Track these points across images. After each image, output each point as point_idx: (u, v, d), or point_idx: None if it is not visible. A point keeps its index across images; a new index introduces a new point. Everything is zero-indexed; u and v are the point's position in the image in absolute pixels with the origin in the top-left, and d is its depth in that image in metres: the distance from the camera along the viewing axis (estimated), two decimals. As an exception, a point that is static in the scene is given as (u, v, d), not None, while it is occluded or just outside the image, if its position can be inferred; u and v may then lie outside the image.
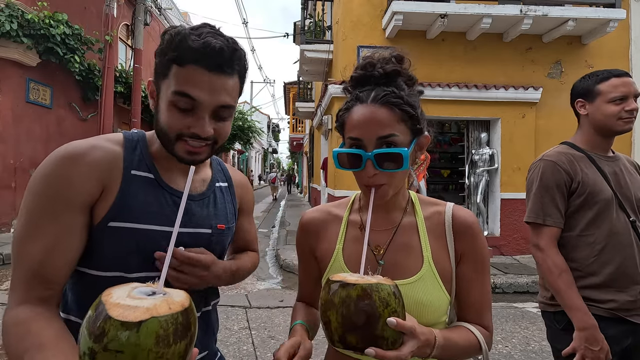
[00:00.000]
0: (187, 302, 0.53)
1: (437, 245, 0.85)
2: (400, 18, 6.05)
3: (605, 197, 1.41)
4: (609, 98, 1.45)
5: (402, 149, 0.76)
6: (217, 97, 0.77)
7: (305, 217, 0.97)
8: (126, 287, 0.54)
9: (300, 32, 8.59)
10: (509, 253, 6.48)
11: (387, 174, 0.78)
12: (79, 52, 6.89)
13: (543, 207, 1.46)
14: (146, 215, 0.79)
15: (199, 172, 0.94)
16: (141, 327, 0.46)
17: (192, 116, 0.77)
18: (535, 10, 5.95)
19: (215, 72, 0.76)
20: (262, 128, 24.00)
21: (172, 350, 0.48)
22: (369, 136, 0.77)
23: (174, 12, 13.27)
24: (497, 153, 6.51)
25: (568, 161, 1.46)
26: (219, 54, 0.75)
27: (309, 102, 13.64)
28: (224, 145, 6.83)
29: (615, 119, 1.44)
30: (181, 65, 0.75)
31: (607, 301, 1.38)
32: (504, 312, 4.25)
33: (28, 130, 6.68)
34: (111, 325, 0.46)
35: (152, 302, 0.50)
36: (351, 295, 0.63)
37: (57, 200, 0.73)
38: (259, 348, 3.24)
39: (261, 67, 25.93)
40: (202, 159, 0.83)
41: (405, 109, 0.78)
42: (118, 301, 0.49)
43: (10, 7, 5.74)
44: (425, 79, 6.19)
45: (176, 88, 0.75)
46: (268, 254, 7.24)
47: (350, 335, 0.63)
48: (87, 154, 0.77)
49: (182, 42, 0.74)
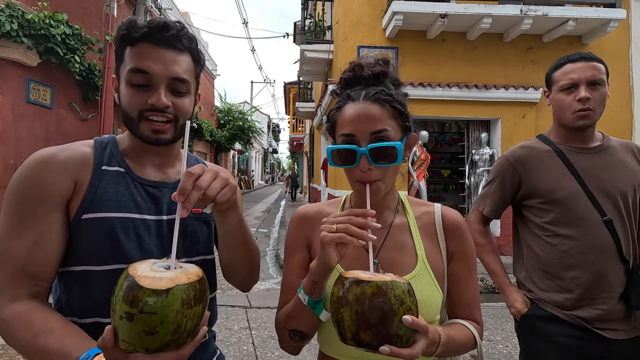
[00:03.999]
0: (201, 273, 0.63)
1: (430, 244, 0.88)
2: (400, 18, 6.04)
3: (567, 195, 1.30)
4: (560, 85, 1.33)
5: (396, 143, 0.77)
6: (169, 69, 0.82)
7: (300, 210, 0.98)
8: (147, 263, 0.63)
9: (300, 32, 8.60)
10: (509, 253, 6.48)
11: (381, 170, 0.79)
12: (79, 52, 6.88)
13: (486, 198, 1.54)
14: (118, 204, 0.82)
15: (173, 165, 0.95)
16: (169, 293, 0.56)
17: (149, 91, 0.82)
18: (536, 10, 5.95)
19: (164, 47, 0.82)
20: (262, 128, 24.02)
21: (194, 311, 0.59)
22: (362, 132, 0.79)
23: (174, 12, 13.27)
24: (497, 153, 6.51)
25: (521, 158, 1.41)
26: (164, 28, 0.81)
27: (309, 102, 13.63)
28: (224, 146, 6.84)
29: (568, 112, 1.32)
30: (132, 44, 0.82)
31: (569, 307, 1.29)
32: (504, 312, 4.24)
33: (28, 130, 6.68)
34: (143, 292, 0.55)
35: (173, 273, 0.59)
36: (366, 293, 0.63)
37: (34, 199, 0.77)
38: (259, 348, 3.24)
39: (261, 67, 25.92)
40: (168, 138, 0.85)
41: (395, 105, 0.81)
42: (144, 274, 0.58)
43: (10, 7, 5.73)
44: (425, 79, 6.19)
45: (130, 66, 0.81)
46: (268, 254, 7.24)
47: (364, 333, 0.62)
48: (58, 154, 0.81)
49: (131, 23, 0.82)
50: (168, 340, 0.56)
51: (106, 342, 0.56)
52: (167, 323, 0.55)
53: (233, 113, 18.92)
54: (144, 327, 0.54)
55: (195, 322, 0.60)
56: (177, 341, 0.57)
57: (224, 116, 18.83)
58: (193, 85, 0.89)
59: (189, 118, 0.88)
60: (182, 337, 0.58)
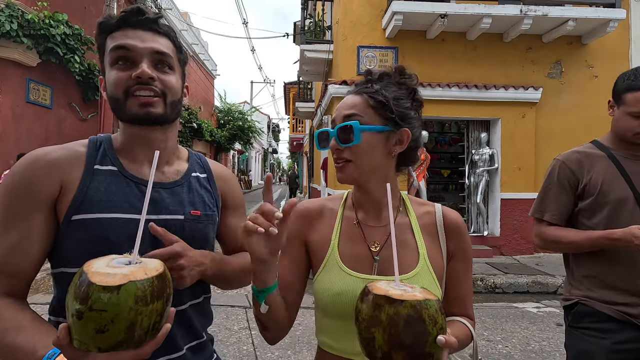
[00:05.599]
0: (162, 268, 0.61)
1: (431, 243, 0.90)
2: (400, 18, 6.05)
3: (617, 197, 1.36)
4: (629, 111, 1.37)
5: (354, 122, 0.83)
6: (148, 44, 0.83)
7: (300, 206, 0.97)
8: (105, 259, 0.61)
9: (300, 32, 8.60)
10: (509, 253, 6.48)
11: (350, 151, 0.85)
12: (79, 52, 6.88)
13: (543, 202, 1.52)
14: (109, 205, 0.80)
15: (172, 164, 0.93)
16: (121, 289, 0.53)
17: (132, 67, 0.82)
18: (535, 10, 5.96)
19: (142, 29, 0.83)
20: (262, 128, 24.01)
21: (151, 309, 0.56)
22: (338, 117, 0.87)
23: (174, 12, 13.28)
24: (497, 153, 6.51)
25: (577, 161, 1.46)
26: (139, 12, 0.83)
27: (309, 102, 13.64)
28: (224, 146, 6.83)
29: (630, 133, 1.38)
30: (111, 32, 0.83)
31: (617, 303, 1.35)
32: (504, 312, 4.25)
33: (28, 130, 6.68)
34: (94, 289, 0.53)
35: (130, 269, 0.57)
36: (400, 313, 0.60)
37: (18, 200, 0.77)
38: (259, 348, 3.24)
39: (261, 67, 25.92)
40: (159, 113, 0.83)
41: (374, 96, 0.85)
42: (98, 270, 0.56)
43: (10, 7, 5.73)
44: (425, 79, 6.19)
45: (110, 46, 0.82)
46: (268, 254, 7.23)
47: (397, 354, 0.61)
48: (47, 154, 0.80)
49: (108, 16, 0.85)
50: (122, 339, 0.54)
51: (61, 341, 0.55)
52: (119, 321, 0.53)
53: (233, 113, 18.93)
54: (94, 325, 0.52)
55: (154, 320, 0.57)
56: (132, 339, 0.55)
57: (224, 116, 18.85)
58: (177, 65, 0.88)
59: (178, 96, 0.88)
60: (138, 335, 0.55)
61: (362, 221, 0.91)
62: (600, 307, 1.37)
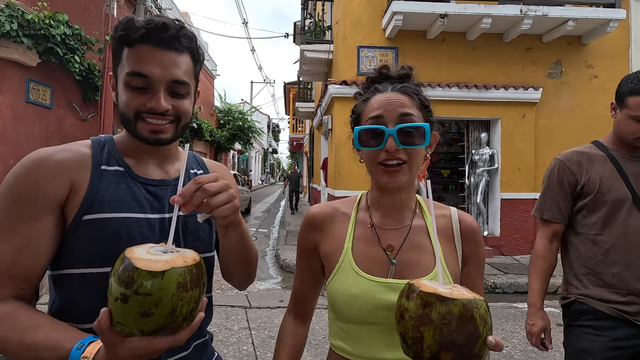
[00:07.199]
0: (198, 258, 0.63)
1: (447, 247, 0.88)
2: (400, 18, 6.05)
3: (615, 197, 1.38)
4: (632, 114, 1.38)
5: (424, 124, 0.80)
6: (168, 72, 0.80)
7: (311, 211, 0.96)
8: (144, 246, 0.63)
9: (300, 32, 8.59)
10: (509, 253, 6.48)
11: (407, 152, 0.80)
12: (79, 52, 6.87)
13: (544, 202, 1.55)
14: (119, 204, 0.80)
15: (172, 163, 0.94)
16: (165, 275, 0.55)
17: (148, 94, 0.80)
18: (535, 10, 5.96)
19: (163, 48, 0.79)
20: (262, 128, 23.99)
21: (189, 295, 0.58)
22: (391, 113, 0.81)
23: (174, 12, 13.27)
24: (497, 153, 6.51)
25: (577, 161, 1.48)
26: (163, 29, 0.79)
27: (309, 102, 13.63)
28: (224, 146, 6.80)
29: (632, 137, 1.40)
30: (130, 46, 0.79)
31: (613, 302, 1.37)
32: (504, 312, 4.25)
33: (28, 130, 6.68)
34: (139, 274, 0.54)
35: (170, 256, 0.59)
36: (452, 312, 0.59)
37: (25, 201, 0.75)
38: (259, 348, 3.24)
39: (261, 67, 25.89)
40: (169, 138, 0.84)
41: (421, 98, 0.85)
42: (141, 256, 0.58)
43: (10, 7, 5.73)
44: (426, 79, 6.16)
45: (128, 69, 0.79)
46: (268, 254, 7.24)
47: (446, 354, 0.59)
48: (53, 155, 0.79)
49: (128, 24, 0.79)
50: (163, 323, 0.56)
51: (102, 324, 0.55)
52: (163, 305, 0.54)
53: (233, 113, 18.92)
54: (139, 309, 0.54)
55: (192, 307, 0.59)
56: (172, 325, 0.57)
57: (224, 116, 18.83)
58: (193, 86, 0.88)
59: (189, 118, 0.87)
60: (177, 321, 0.57)
61: (377, 224, 0.89)
62: (597, 305, 1.39)
